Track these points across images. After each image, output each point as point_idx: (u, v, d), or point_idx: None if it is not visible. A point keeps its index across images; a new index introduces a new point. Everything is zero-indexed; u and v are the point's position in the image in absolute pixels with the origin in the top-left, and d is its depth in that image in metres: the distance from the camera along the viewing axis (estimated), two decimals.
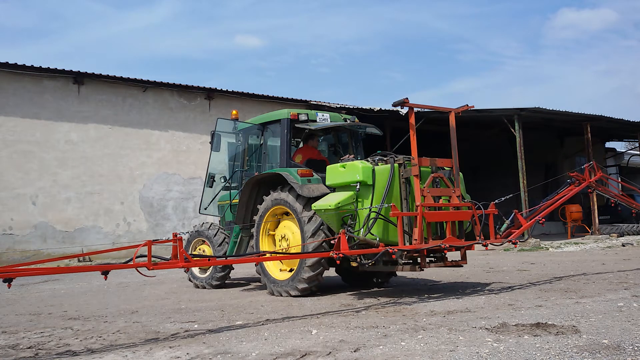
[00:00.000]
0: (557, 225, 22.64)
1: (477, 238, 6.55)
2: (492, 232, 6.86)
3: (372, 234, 6.06)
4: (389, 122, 19.99)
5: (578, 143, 25.65)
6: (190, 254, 8.83)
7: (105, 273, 4.57)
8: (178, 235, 5.02)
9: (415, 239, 5.98)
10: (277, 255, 6.70)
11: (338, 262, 5.78)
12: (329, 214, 6.27)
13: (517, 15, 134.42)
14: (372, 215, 6.08)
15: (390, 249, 5.82)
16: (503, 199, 7.28)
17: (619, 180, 13.95)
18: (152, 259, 4.66)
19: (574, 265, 9.63)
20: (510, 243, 6.98)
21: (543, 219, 7.46)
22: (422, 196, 6.14)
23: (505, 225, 7.04)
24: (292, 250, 6.92)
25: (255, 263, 7.41)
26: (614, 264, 9.66)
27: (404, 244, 6.03)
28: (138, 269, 4.70)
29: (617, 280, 7.16)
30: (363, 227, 6.10)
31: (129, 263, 4.70)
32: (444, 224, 6.39)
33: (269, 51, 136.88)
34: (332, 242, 6.23)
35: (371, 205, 6.13)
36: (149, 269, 4.66)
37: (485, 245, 6.58)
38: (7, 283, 4.08)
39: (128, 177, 17.36)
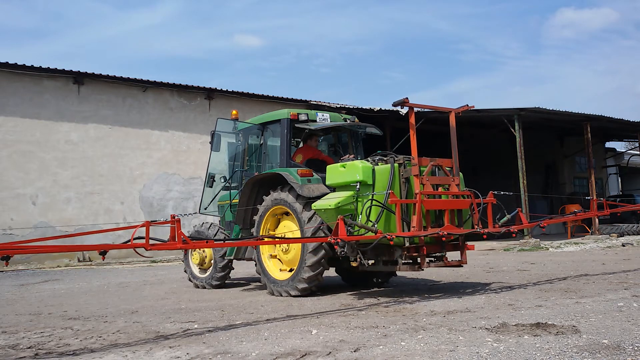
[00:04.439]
0: (557, 225, 22.62)
1: (475, 226, 6.53)
2: (490, 220, 6.80)
3: (371, 221, 6.05)
4: (389, 122, 20.00)
5: (578, 143, 25.68)
6: (190, 253, 8.86)
7: (103, 253, 4.65)
8: (176, 217, 5.00)
9: (414, 226, 5.97)
10: (275, 240, 6.69)
11: (336, 247, 5.80)
12: (329, 214, 6.28)
13: (517, 15, 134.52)
14: (373, 203, 6.06)
15: (388, 235, 5.80)
16: (502, 192, 7.26)
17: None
18: (150, 240, 4.67)
19: (574, 265, 9.62)
20: (508, 231, 6.91)
21: (544, 225, 7.47)
22: (420, 184, 6.13)
23: (505, 219, 7.00)
24: (292, 252, 6.93)
25: (255, 263, 7.41)
26: (614, 264, 9.66)
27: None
28: (136, 249, 4.72)
29: (617, 280, 7.16)
30: (361, 214, 6.09)
31: (127, 243, 4.73)
32: (443, 213, 6.37)
33: (270, 51, 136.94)
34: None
35: (371, 205, 6.12)
36: (146, 249, 4.67)
37: (484, 234, 6.55)
38: (4, 261, 4.17)
39: (128, 177, 17.37)
